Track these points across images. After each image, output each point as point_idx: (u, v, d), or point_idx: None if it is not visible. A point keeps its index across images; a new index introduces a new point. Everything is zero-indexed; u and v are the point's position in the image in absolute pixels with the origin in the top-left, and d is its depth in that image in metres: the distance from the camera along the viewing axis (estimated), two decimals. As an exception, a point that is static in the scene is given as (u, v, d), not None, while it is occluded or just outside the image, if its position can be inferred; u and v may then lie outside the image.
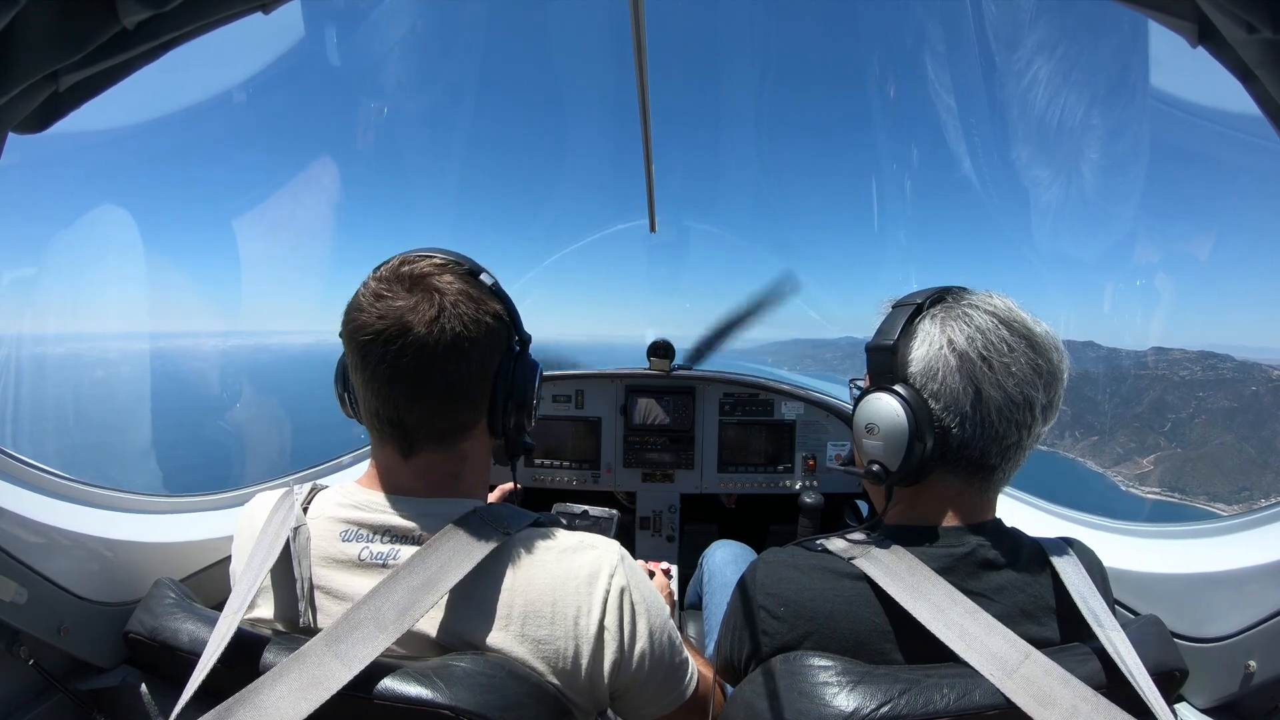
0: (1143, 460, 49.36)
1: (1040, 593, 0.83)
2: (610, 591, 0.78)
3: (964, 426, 0.83)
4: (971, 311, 0.85)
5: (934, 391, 0.84)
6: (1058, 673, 0.70)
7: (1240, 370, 53.71)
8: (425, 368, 0.77)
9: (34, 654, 0.87)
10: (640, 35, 0.96)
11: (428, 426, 0.82)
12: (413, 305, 0.77)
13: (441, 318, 0.77)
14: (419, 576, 0.73)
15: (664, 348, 2.42)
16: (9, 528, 0.89)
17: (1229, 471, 48.74)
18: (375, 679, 0.67)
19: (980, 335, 0.83)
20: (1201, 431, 50.69)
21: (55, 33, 0.52)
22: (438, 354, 0.77)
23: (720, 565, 1.81)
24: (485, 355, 0.82)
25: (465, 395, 0.82)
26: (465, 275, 0.83)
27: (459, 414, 0.83)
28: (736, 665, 0.91)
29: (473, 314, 0.79)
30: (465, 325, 0.78)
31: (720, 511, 2.75)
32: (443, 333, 0.77)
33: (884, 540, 0.86)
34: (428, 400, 0.80)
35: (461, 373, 0.80)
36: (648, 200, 1.91)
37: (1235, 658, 0.96)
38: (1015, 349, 0.83)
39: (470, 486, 0.88)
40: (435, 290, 0.78)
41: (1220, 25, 0.57)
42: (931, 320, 0.87)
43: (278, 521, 0.83)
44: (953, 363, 0.83)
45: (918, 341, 0.87)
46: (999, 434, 0.83)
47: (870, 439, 0.87)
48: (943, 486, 0.88)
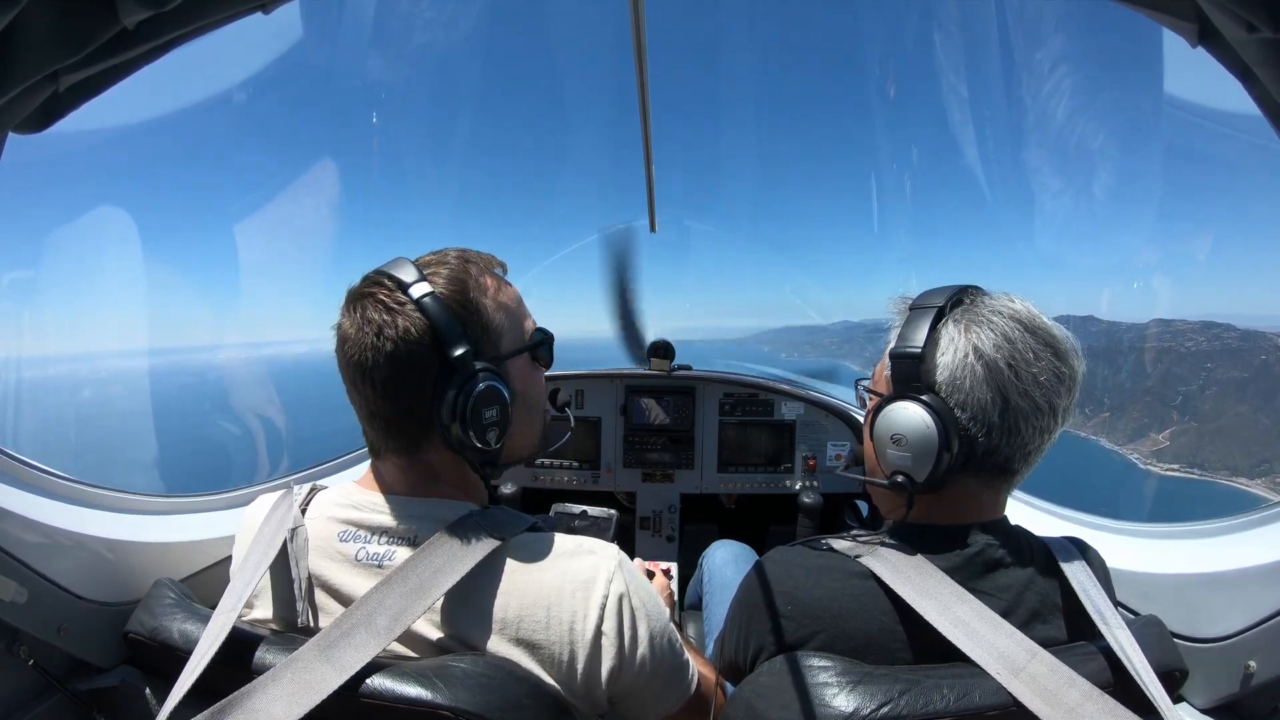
0: (1158, 436, 48.67)
1: (1047, 592, 0.83)
2: (609, 598, 0.78)
3: (990, 435, 0.83)
4: (995, 318, 0.84)
5: (960, 401, 0.83)
6: (1064, 671, 0.70)
7: (1245, 339, 52.76)
8: (358, 381, 0.80)
9: (34, 654, 0.87)
10: (640, 35, 0.96)
11: (384, 438, 0.84)
12: (350, 321, 0.81)
13: (359, 334, 0.79)
14: (413, 581, 0.73)
15: (664, 348, 2.42)
16: (9, 528, 0.89)
17: (1246, 444, 47.72)
18: (375, 680, 0.67)
19: (1007, 344, 0.82)
20: (1214, 403, 49.87)
21: (55, 33, 0.52)
22: (363, 371, 0.79)
23: (720, 565, 1.81)
24: (404, 373, 0.79)
25: (398, 412, 0.81)
26: (396, 288, 0.80)
27: (400, 428, 0.83)
28: (741, 664, 0.90)
29: (380, 334, 0.78)
30: (374, 345, 0.78)
31: (720, 511, 2.75)
32: (360, 349, 0.79)
33: (891, 539, 0.86)
34: (369, 411, 0.83)
35: (387, 389, 0.80)
36: (648, 200, 1.91)
37: (1235, 658, 0.96)
38: (1041, 356, 0.82)
39: (454, 489, 0.87)
40: (360, 308, 0.81)
41: (1220, 25, 0.57)
42: (955, 325, 0.85)
43: (276, 521, 0.83)
44: (980, 372, 0.82)
45: (942, 348, 0.85)
46: (1024, 441, 0.83)
47: (896, 449, 0.84)
48: (960, 490, 0.87)
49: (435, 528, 0.79)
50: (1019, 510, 1.58)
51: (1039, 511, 1.55)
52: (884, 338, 0.99)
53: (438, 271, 0.83)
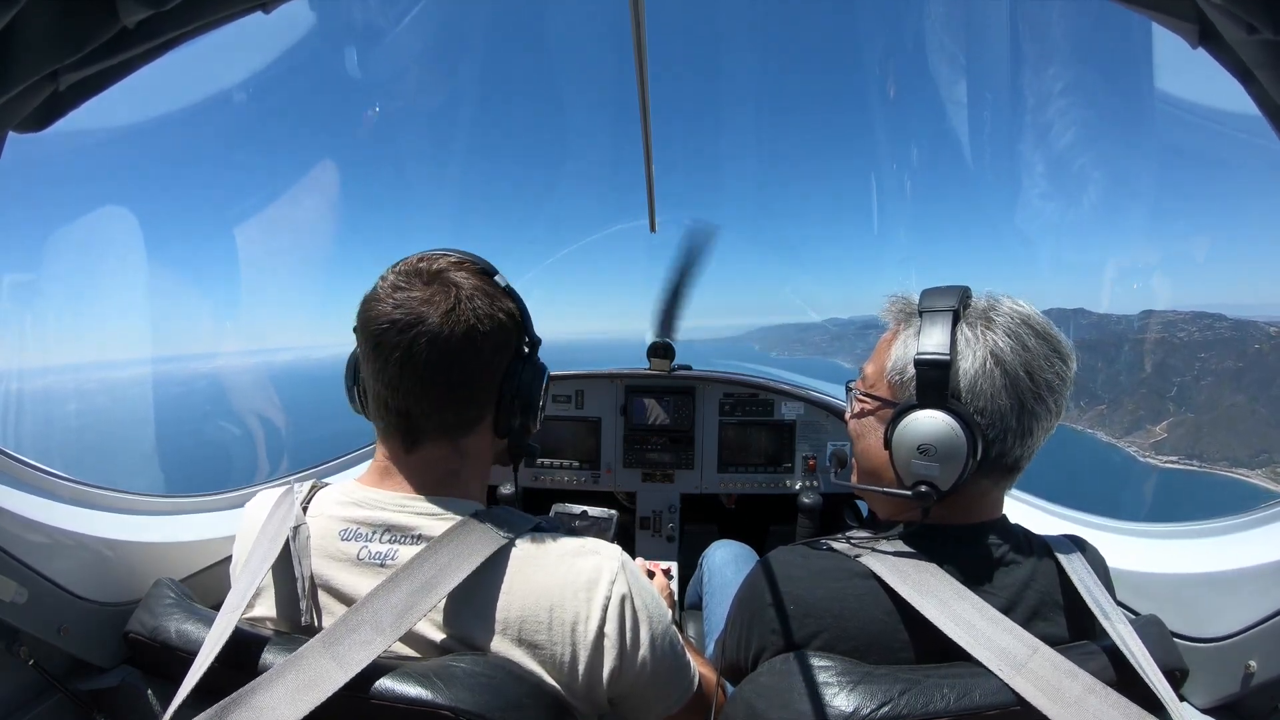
0: (1155, 428, 48.42)
1: (1048, 589, 0.83)
2: (610, 599, 0.78)
3: (1006, 439, 0.83)
4: (1009, 322, 0.85)
5: (980, 407, 0.83)
6: (1066, 666, 0.70)
7: (1237, 328, 52.85)
8: (437, 358, 0.79)
9: (34, 654, 0.87)
10: (640, 35, 0.96)
11: (435, 418, 0.83)
12: (429, 297, 0.79)
13: (456, 310, 0.79)
14: (418, 579, 0.73)
15: (664, 348, 2.42)
16: (9, 528, 0.89)
17: (1245, 434, 47.61)
18: (375, 679, 0.67)
19: (1024, 350, 0.83)
20: (1210, 394, 49.67)
21: (55, 32, 0.52)
22: (451, 345, 0.79)
23: (720, 565, 1.81)
24: (496, 352, 0.84)
25: (473, 389, 0.84)
26: (480, 273, 0.85)
27: (466, 408, 0.85)
28: (743, 664, 0.90)
29: (487, 309, 0.82)
30: (479, 319, 0.80)
31: (720, 512, 2.75)
32: (456, 324, 0.79)
33: (892, 539, 0.86)
34: (436, 390, 0.81)
35: (472, 366, 0.82)
36: (648, 200, 1.91)
37: (1235, 658, 0.96)
38: (1051, 361, 0.83)
39: (470, 486, 0.88)
40: (452, 284, 0.81)
41: (1220, 26, 0.57)
42: (971, 329, 0.85)
43: (277, 520, 0.83)
44: (999, 380, 0.82)
45: (961, 354, 0.84)
46: (1035, 442, 0.85)
47: (924, 460, 0.83)
48: (972, 491, 0.87)
49: (439, 526, 0.79)
50: (1019, 509, 1.58)
51: (1039, 511, 1.55)
52: (876, 335, 0.99)
53: (476, 261, 0.87)
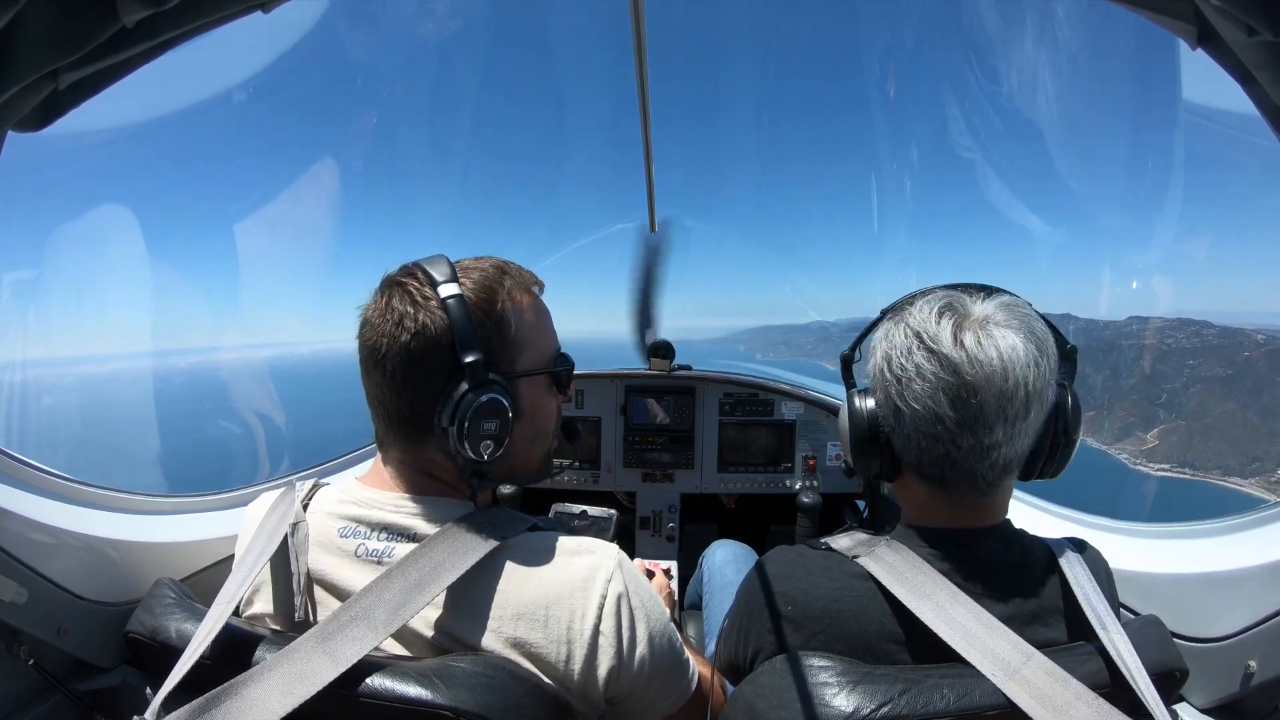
0: (1146, 435, 48.21)
1: (1047, 593, 0.83)
2: (607, 598, 0.77)
3: (894, 436, 0.88)
4: (900, 327, 0.87)
5: (878, 400, 0.90)
6: (1059, 674, 0.70)
7: (1224, 335, 52.71)
8: (371, 366, 0.82)
9: (34, 654, 0.87)
10: (640, 35, 0.96)
11: (385, 427, 0.85)
12: (376, 305, 0.83)
13: (381, 320, 0.81)
14: (413, 576, 0.73)
15: (664, 348, 2.42)
16: (9, 528, 0.89)
17: (1236, 442, 47.41)
18: (368, 675, 0.67)
19: (894, 353, 0.85)
20: (1200, 401, 49.51)
21: (55, 31, 0.52)
22: (377, 355, 0.81)
23: (720, 565, 1.81)
24: (409, 368, 0.79)
25: (402, 405, 0.82)
26: (424, 287, 0.81)
27: (403, 422, 0.83)
28: (741, 665, 0.91)
29: (411, 325, 0.79)
30: (390, 333, 0.80)
31: (720, 511, 2.75)
32: (377, 335, 0.81)
33: (890, 540, 0.86)
34: (376, 398, 0.84)
35: (395, 380, 0.81)
36: (648, 200, 1.91)
37: (1235, 658, 0.96)
38: (924, 369, 0.81)
39: (454, 489, 0.87)
40: (388, 295, 0.82)
41: (1220, 28, 0.57)
42: (881, 328, 0.92)
43: (276, 518, 0.83)
44: (879, 376, 0.88)
45: (874, 348, 0.91)
46: (924, 448, 0.84)
47: (839, 439, 0.92)
48: (920, 490, 0.89)
49: (436, 525, 0.79)
50: (1019, 510, 1.58)
51: (1039, 511, 1.55)
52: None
53: (470, 275, 0.84)
